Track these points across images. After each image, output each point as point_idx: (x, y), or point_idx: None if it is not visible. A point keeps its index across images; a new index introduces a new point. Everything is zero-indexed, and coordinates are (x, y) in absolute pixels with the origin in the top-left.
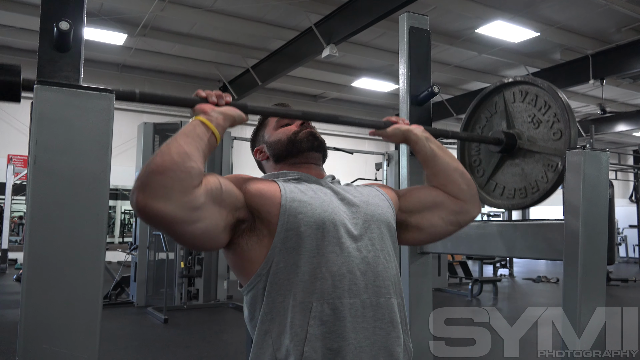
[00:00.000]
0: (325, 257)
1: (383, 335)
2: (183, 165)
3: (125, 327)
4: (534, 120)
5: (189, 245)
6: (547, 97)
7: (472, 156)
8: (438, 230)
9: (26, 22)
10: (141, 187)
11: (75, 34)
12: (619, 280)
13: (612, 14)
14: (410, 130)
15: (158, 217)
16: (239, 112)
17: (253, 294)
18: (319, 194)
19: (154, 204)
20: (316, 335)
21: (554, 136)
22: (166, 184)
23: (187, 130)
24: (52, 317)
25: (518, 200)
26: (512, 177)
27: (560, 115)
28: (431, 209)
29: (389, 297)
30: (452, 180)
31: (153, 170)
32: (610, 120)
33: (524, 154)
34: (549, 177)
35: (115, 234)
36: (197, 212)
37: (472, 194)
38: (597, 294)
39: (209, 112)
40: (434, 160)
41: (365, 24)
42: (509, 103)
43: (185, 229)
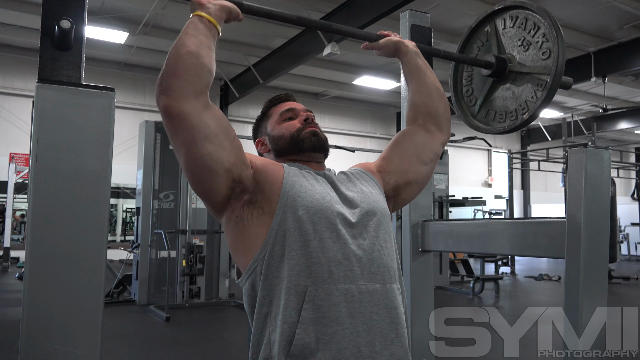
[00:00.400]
0: (322, 242)
1: (379, 320)
2: (194, 66)
3: (127, 325)
4: (523, 43)
5: (193, 170)
6: (536, 19)
7: (465, 86)
8: (423, 173)
9: (27, 21)
10: (163, 92)
11: (77, 33)
12: (620, 278)
13: (614, 11)
14: (401, 42)
15: (181, 117)
16: (233, 5)
17: (252, 280)
18: (316, 185)
19: (176, 104)
20: (310, 318)
21: (543, 55)
22: (183, 85)
23: (189, 28)
24: (54, 315)
25: (509, 122)
26: (503, 102)
27: (549, 34)
28: (412, 157)
29: (384, 283)
30: (433, 99)
31: (170, 74)
32: (612, 118)
33: (515, 77)
34: (538, 96)
35: (117, 232)
36: (210, 113)
37: (446, 118)
38: (599, 292)
39: (205, 4)
40: (418, 75)
41: (366, 22)
42: (499, 29)
43: (197, 140)
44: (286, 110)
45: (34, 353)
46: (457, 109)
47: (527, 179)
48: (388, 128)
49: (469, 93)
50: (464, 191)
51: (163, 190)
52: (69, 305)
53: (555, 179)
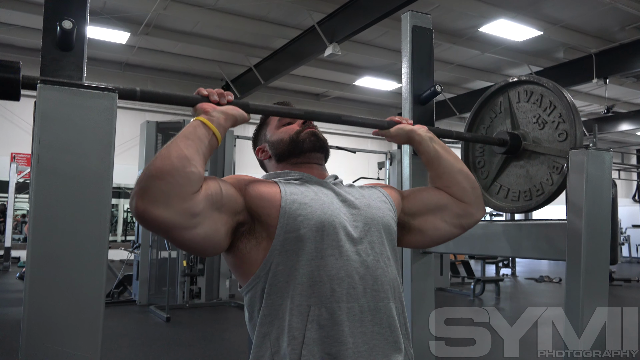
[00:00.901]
0: (324, 260)
1: (381, 340)
2: (183, 171)
3: (128, 325)
4: (539, 121)
5: (190, 251)
6: (552, 97)
7: (476, 157)
8: (441, 233)
9: (29, 21)
10: (140, 193)
11: (78, 33)
12: (621, 280)
13: (616, 12)
14: (413, 131)
15: (157, 223)
16: (240, 112)
17: (251, 295)
18: (319, 195)
19: (153, 209)
20: (314, 339)
21: (559, 137)
22: (165, 190)
23: (187, 132)
24: (55, 315)
25: (522, 202)
26: (517, 179)
27: (565, 115)
28: (434, 211)
29: (387, 301)
30: (456, 182)
31: (152, 175)
32: (613, 120)
33: (529, 155)
34: (554, 180)
35: (118, 232)
36: (197, 218)
37: (476, 196)
38: (600, 294)
39: (210, 112)
40: (437, 162)
41: (367, 23)
42: (513, 103)
43: (185, 235)
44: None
45: (34, 354)
46: None
47: None
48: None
49: (480, 165)
50: None
51: None
52: (70, 306)
53: None
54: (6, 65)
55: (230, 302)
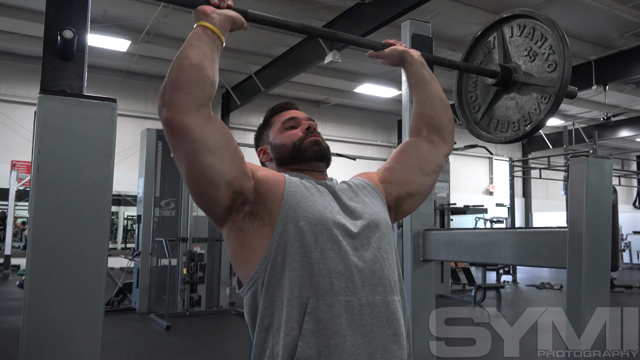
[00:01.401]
0: (323, 254)
1: (379, 332)
2: (197, 78)
3: (128, 333)
4: (530, 54)
5: (194, 182)
6: (544, 30)
7: (469, 92)
8: (426, 184)
9: (30, 29)
10: (165, 104)
11: (79, 42)
12: (623, 287)
13: (615, 19)
14: (406, 52)
15: (183, 130)
16: (238, 16)
17: (253, 291)
18: (319, 193)
19: (178, 117)
20: (311, 331)
21: (549, 68)
22: (185, 98)
23: (193, 39)
24: (55, 324)
25: (511, 132)
26: (507, 111)
27: (555, 46)
28: (416, 168)
29: (385, 295)
30: (437, 111)
31: (172, 86)
32: (613, 126)
33: (519, 87)
34: (542, 109)
35: (118, 240)
36: (212, 126)
37: (450, 130)
38: (602, 301)
39: (210, 14)
40: (424, 85)
41: (368, 31)
42: (506, 37)
43: (198, 153)
44: (288, 119)
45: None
46: (460, 115)
47: (529, 186)
48: (389, 136)
49: (472, 99)
50: (465, 199)
51: (164, 198)
52: (70, 314)
53: (556, 186)
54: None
55: (231, 310)
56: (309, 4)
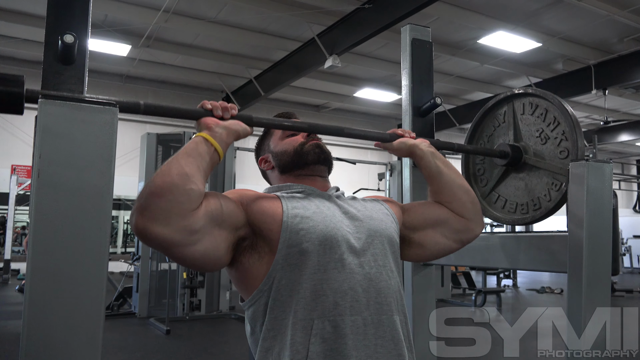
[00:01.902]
0: (327, 273)
1: (384, 353)
2: (183, 188)
3: (127, 338)
4: (541, 136)
5: (190, 267)
6: (557, 113)
7: (477, 165)
8: (440, 247)
9: (31, 34)
10: (140, 210)
11: (80, 47)
12: (623, 291)
13: (614, 24)
14: (416, 145)
15: (157, 240)
16: (243, 127)
17: (254, 309)
18: (321, 208)
19: (152, 227)
20: (317, 352)
21: (561, 154)
22: (165, 207)
23: (188, 148)
24: (55, 328)
25: (519, 215)
26: (515, 191)
27: (568, 133)
28: (434, 226)
29: (390, 314)
30: (457, 197)
31: (152, 192)
32: (613, 130)
33: (529, 168)
34: (552, 196)
35: (118, 244)
36: (196, 235)
37: (476, 212)
38: (602, 305)
39: (213, 128)
40: (439, 177)
41: (367, 35)
42: (517, 114)
43: (184, 252)
44: None
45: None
46: None
47: None
48: None
49: (480, 173)
50: None
51: None
52: (70, 319)
53: None
54: (9, 80)
55: (231, 314)
56: (309, 8)
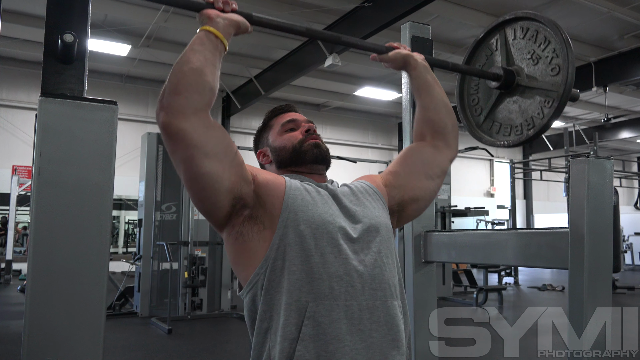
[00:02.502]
0: (324, 257)
1: (379, 338)
2: (196, 83)
3: (129, 337)
4: (533, 57)
5: (193, 186)
6: (547, 32)
7: (471, 95)
8: (430, 190)
9: (31, 34)
10: (163, 108)
11: (80, 46)
12: (625, 288)
13: (615, 21)
14: (410, 55)
15: (180, 135)
16: (243, 19)
17: (252, 294)
18: (320, 195)
19: (175, 121)
20: (310, 335)
21: (552, 72)
22: (182, 103)
23: (195, 44)
24: (56, 328)
25: (514, 136)
26: (509, 115)
27: (559, 50)
28: (420, 172)
29: (385, 299)
30: (441, 116)
31: (171, 90)
32: (613, 128)
33: (522, 90)
34: (545, 113)
35: (119, 244)
36: (211, 131)
37: (454, 135)
38: (604, 302)
39: (214, 18)
40: (427, 89)
41: (367, 34)
42: (509, 40)
43: (196, 159)
44: (288, 121)
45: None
46: (462, 118)
47: (530, 188)
48: (389, 139)
49: (474, 102)
50: (466, 201)
51: (165, 202)
52: (71, 318)
53: (557, 188)
54: None
55: (232, 313)
56: (310, 7)
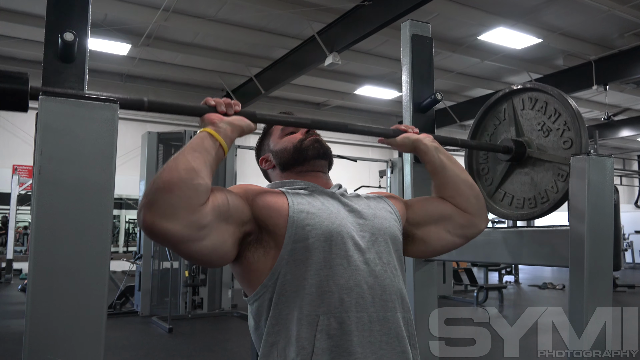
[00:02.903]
0: (333, 270)
1: (389, 350)
2: (190, 183)
3: (130, 336)
4: (543, 129)
5: (197, 262)
6: (557, 105)
7: (480, 164)
8: (444, 243)
9: (31, 34)
10: (148, 205)
11: (80, 45)
12: (625, 287)
13: (615, 19)
14: (419, 140)
15: (165, 236)
16: (247, 122)
17: (258, 304)
18: (326, 205)
19: (160, 223)
20: (323, 349)
21: (564, 145)
22: (173, 203)
23: (194, 144)
24: (57, 327)
25: (527, 210)
26: (521, 186)
27: (570, 123)
28: (438, 222)
29: (395, 311)
30: (461, 192)
31: (160, 187)
32: (614, 126)
33: (534, 162)
34: (559, 187)
35: (120, 243)
36: (204, 230)
37: (480, 207)
38: (604, 300)
39: (217, 123)
40: (443, 172)
41: (367, 32)
42: (517, 110)
43: (192, 247)
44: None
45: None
46: None
47: None
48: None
49: (484, 172)
50: None
51: None
52: (72, 317)
53: None
54: (14, 77)
55: (233, 312)
56: (309, 6)
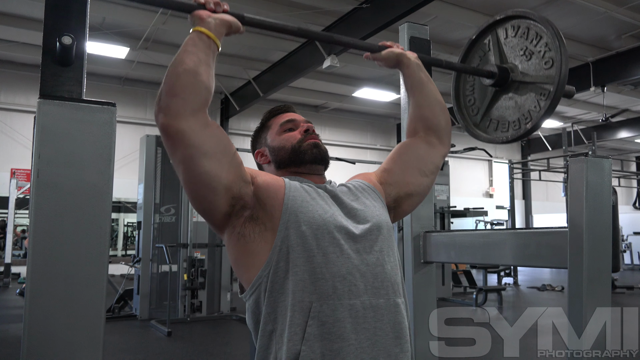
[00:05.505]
0: (326, 257)
1: (383, 335)
2: (192, 84)
3: (129, 340)
4: (526, 53)
5: (192, 184)
6: (538, 28)
7: (467, 96)
8: (424, 185)
9: (29, 37)
10: (161, 110)
11: (78, 49)
12: (624, 288)
13: (612, 21)
14: (403, 54)
15: (179, 135)
16: (234, 19)
17: (256, 297)
18: (319, 197)
19: (174, 122)
20: (315, 335)
21: (546, 65)
22: (180, 104)
23: (188, 45)
24: (55, 331)
25: (512, 131)
26: (506, 111)
27: (551, 43)
28: (414, 168)
29: (387, 298)
30: (435, 113)
31: (167, 92)
32: (612, 127)
33: (517, 86)
34: (542, 105)
35: (118, 246)
36: (209, 131)
37: (447, 131)
38: (603, 301)
39: (205, 19)
40: (420, 87)
41: (365, 35)
42: (501, 39)
43: (194, 159)
44: (286, 121)
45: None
46: (460, 118)
47: (528, 189)
48: (388, 139)
49: (470, 102)
50: (465, 202)
51: (164, 204)
52: (71, 321)
53: (556, 188)
54: None
55: (232, 315)
56: (307, 9)
